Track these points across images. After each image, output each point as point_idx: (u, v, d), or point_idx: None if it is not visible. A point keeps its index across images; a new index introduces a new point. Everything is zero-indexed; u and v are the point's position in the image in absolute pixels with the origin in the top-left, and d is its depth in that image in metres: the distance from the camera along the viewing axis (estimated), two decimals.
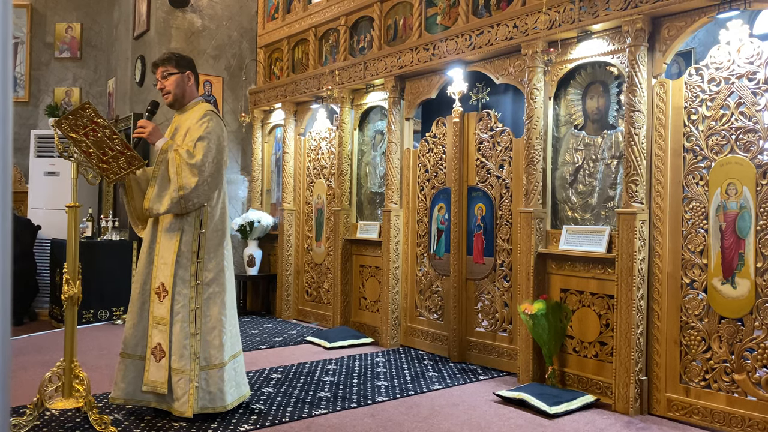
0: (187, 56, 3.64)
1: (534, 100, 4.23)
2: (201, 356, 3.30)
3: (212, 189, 3.36)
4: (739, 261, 3.30)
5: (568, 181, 4.19)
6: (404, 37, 5.39)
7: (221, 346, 3.36)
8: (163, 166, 3.30)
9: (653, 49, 3.70)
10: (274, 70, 7.11)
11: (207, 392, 3.30)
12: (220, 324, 3.39)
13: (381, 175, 5.75)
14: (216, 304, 3.39)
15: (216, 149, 3.34)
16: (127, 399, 3.37)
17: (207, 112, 3.44)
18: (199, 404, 3.27)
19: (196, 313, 3.33)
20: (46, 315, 6.93)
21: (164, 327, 3.31)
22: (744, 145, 3.31)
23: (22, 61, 8.41)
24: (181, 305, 3.31)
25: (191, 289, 3.33)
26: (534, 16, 4.20)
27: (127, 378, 3.35)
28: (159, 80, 3.52)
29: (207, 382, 3.31)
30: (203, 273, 3.37)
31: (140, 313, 3.39)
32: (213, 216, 3.42)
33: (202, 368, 3.30)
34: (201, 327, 3.33)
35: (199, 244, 3.36)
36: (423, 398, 3.85)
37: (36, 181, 7.60)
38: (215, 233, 3.43)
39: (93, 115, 3.05)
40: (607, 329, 3.87)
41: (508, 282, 4.56)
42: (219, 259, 3.43)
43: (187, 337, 3.29)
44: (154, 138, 3.38)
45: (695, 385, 3.46)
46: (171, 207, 3.27)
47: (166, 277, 3.32)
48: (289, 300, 6.64)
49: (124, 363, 3.37)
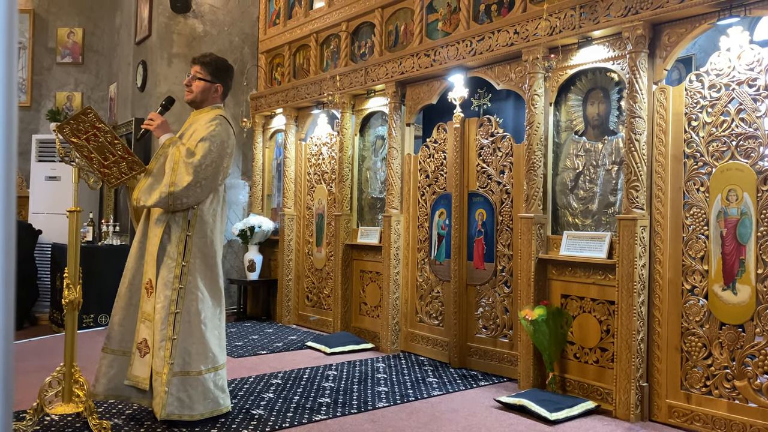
0: (228, 66, 3.56)
1: (535, 105, 4.23)
2: (176, 362, 3.23)
3: (205, 192, 3.28)
4: (739, 267, 3.30)
5: (568, 186, 4.19)
6: (405, 42, 5.40)
7: (198, 355, 3.28)
8: (162, 159, 3.26)
9: (654, 55, 3.70)
10: (275, 76, 7.13)
11: (176, 398, 3.21)
12: (200, 332, 3.30)
13: (382, 180, 5.75)
14: (198, 311, 3.30)
15: (217, 153, 3.28)
16: (108, 394, 3.34)
17: (217, 116, 3.40)
18: (167, 410, 3.19)
19: (176, 317, 3.25)
20: (47, 319, 6.93)
21: (150, 323, 3.27)
22: (744, 151, 3.31)
23: (24, 65, 8.43)
24: (161, 305, 3.24)
25: (173, 291, 3.25)
26: (535, 22, 4.22)
27: (109, 373, 3.32)
28: (189, 75, 3.48)
29: (177, 389, 3.22)
30: (186, 277, 3.28)
31: (126, 307, 3.35)
32: (203, 220, 3.34)
33: (175, 374, 3.22)
34: (179, 332, 3.25)
35: (185, 247, 3.29)
36: (423, 404, 3.85)
37: (37, 185, 7.60)
38: (202, 239, 3.34)
39: (94, 120, 3.06)
40: (607, 335, 3.87)
41: (508, 288, 4.56)
42: (204, 266, 3.34)
43: (163, 340, 3.22)
44: (160, 132, 3.35)
45: (696, 392, 3.45)
46: (158, 201, 3.20)
47: (153, 275, 3.28)
48: (290, 305, 6.63)
49: (107, 358, 3.34)
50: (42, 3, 8.52)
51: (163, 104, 3.50)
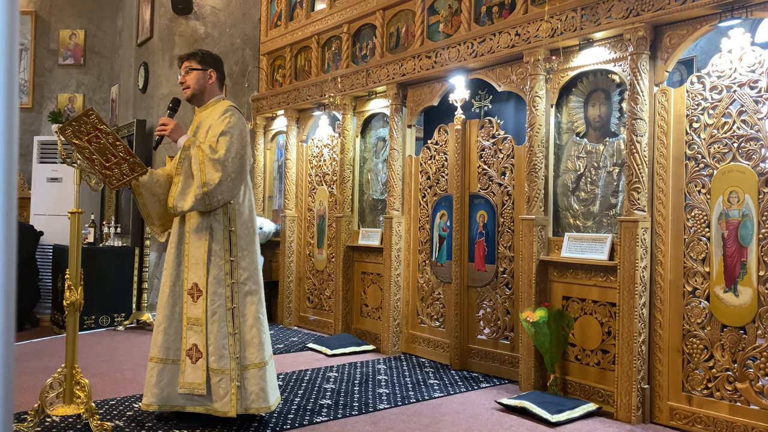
0: (215, 55, 3.60)
1: (536, 107, 4.23)
2: (241, 355, 3.26)
3: (237, 185, 3.27)
4: (741, 269, 3.29)
5: (570, 188, 4.19)
6: (406, 44, 5.41)
7: (261, 345, 3.31)
8: (186, 162, 3.22)
9: (655, 57, 3.70)
10: (276, 77, 7.14)
11: (249, 392, 3.25)
12: (258, 322, 3.34)
13: (383, 182, 5.76)
14: (253, 302, 3.34)
15: (239, 144, 3.26)
16: (162, 404, 3.29)
17: (229, 108, 3.39)
18: (243, 404, 3.22)
19: (233, 312, 3.28)
20: (48, 321, 6.93)
21: (200, 328, 3.25)
22: (746, 153, 3.31)
23: (26, 67, 8.44)
24: (217, 305, 3.25)
25: (227, 288, 3.27)
26: (536, 24, 4.22)
27: (161, 383, 3.28)
28: (181, 74, 3.49)
29: (249, 382, 3.26)
30: (238, 271, 3.31)
31: (171, 315, 3.32)
32: (241, 213, 3.36)
33: (243, 368, 3.26)
34: (239, 326, 3.28)
35: (230, 243, 3.31)
36: (424, 406, 3.84)
37: (39, 187, 7.61)
38: (245, 230, 3.37)
39: (96, 121, 3.07)
40: (609, 337, 3.87)
41: (509, 289, 4.56)
42: (252, 257, 3.38)
43: (225, 337, 3.24)
44: (176, 135, 3.33)
45: (698, 394, 3.44)
46: (195, 204, 3.19)
47: (200, 277, 3.27)
48: (291, 307, 6.63)
49: (157, 368, 3.29)
50: (44, 5, 8.53)
51: (171, 107, 3.48)
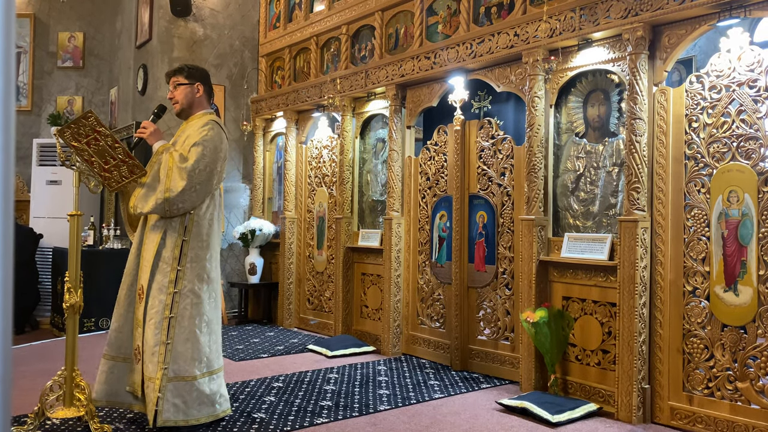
0: (201, 68, 3.62)
1: (535, 107, 4.23)
2: (170, 367, 3.22)
3: (200, 196, 3.30)
4: (741, 269, 3.29)
5: (569, 188, 4.19)
6: (405, 45, 5.41)
7: (193, 360, 3.26)
8: (156, 166, 3.27)
9: (654, 56, 3.71)
10: (275, 79, 7.14)
11: (171, 404, 3.20)
12: (194, 336, 3.29)
13: (382, 183, 5.76)
14: (192, 315, 3.29)
15: (210, 157, 3.29)
16: (108, 400, 3.35)
17: (209, 122, 3.42)
18: (163, 416, 3.17)
19: (170, 322, 3.24)
20: (48, 323, 6.92)
21: (141, 330, 3.29)
22: (745, 152, 3.31)
23: (25, 70, 8.44)
24: (155, 311, 3.24)
25: (168, 296, 3.25)
26: (535, 24, 4.22)
27: (109, 379, 3.34)
28: (170, 90, 3.54)
29: (172, 394, 3.20)
30: (182, 282, 3.29)
31: (125, 314, 3.37)
32: (199, 225, 3.35)
33: (170, 379, 3.21)
34: (173, 336, 3.24)
35: (181, 252, 3.30)
36: (425, 407, 3.84)
37: (38, 189, 7.61)
38: (199, 243, 3.35)
39: (95, 124, 3.07)
40: (609, 337, 3.86)
41: (509, 290, 4.56)
42: (200, 271, 3.34)
43: (157, 344, 3.22)
44: (154, 139, 3.39)
45: (698, 394, 3.44)
46: (155, 208, 3.22)
47: (145, 280, 3.29)
48: (291, 308, 6.63)
49: (107, 364, 3.36)
50: (43, 7, 8.53)
51: (155, 112, 3.54)
